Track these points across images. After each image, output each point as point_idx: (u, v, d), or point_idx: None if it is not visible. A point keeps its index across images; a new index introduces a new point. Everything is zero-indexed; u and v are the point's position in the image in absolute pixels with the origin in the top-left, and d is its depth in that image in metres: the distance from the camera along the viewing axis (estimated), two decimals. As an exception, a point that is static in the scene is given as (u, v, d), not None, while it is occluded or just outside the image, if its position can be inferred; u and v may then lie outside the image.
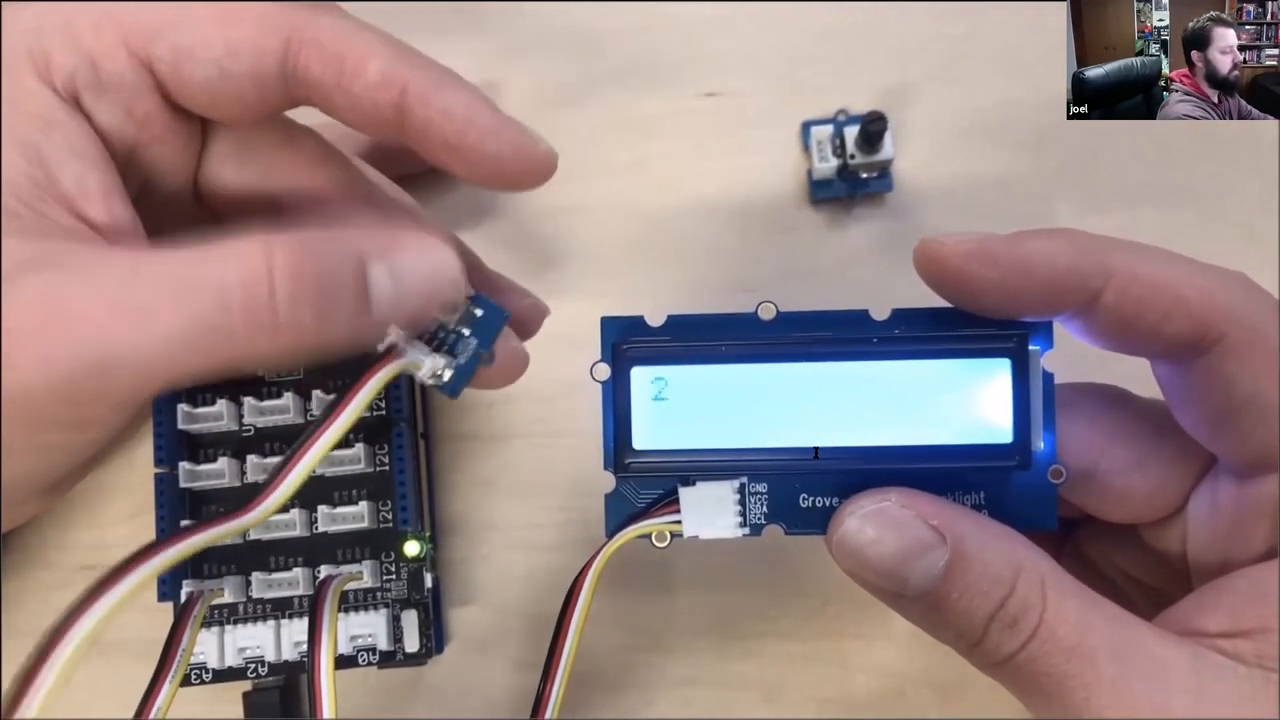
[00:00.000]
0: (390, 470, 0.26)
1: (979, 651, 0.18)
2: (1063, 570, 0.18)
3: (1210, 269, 0.19)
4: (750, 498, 0.21)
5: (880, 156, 0.29)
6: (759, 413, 0.21)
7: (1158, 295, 0.19)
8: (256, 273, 0.19)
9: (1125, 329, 0.19)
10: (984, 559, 0.18)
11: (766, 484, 0.21)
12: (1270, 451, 0.19)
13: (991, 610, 0.18)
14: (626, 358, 0.21)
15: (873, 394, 0.21)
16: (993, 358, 0.20)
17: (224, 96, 0.22)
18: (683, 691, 0.28)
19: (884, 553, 0.19)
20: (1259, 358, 0.18)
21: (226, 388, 0.27)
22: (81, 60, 0.22)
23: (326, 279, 0.19)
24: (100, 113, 0.22)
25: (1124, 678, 0.17)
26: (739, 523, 0.21)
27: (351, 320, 0.20)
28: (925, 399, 0.21)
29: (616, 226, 0.30)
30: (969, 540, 0.18)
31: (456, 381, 0.22)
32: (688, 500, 0.21)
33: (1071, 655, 0.17)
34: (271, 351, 0.20)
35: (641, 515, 0.21)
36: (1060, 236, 0.19)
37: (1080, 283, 0.19)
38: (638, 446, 0.21)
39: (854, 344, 0.21)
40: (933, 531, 0.18)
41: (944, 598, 0.18)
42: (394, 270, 0.20)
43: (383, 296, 0.20)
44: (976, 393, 0.20)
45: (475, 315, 0.22)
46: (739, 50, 0.31)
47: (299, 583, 0.26)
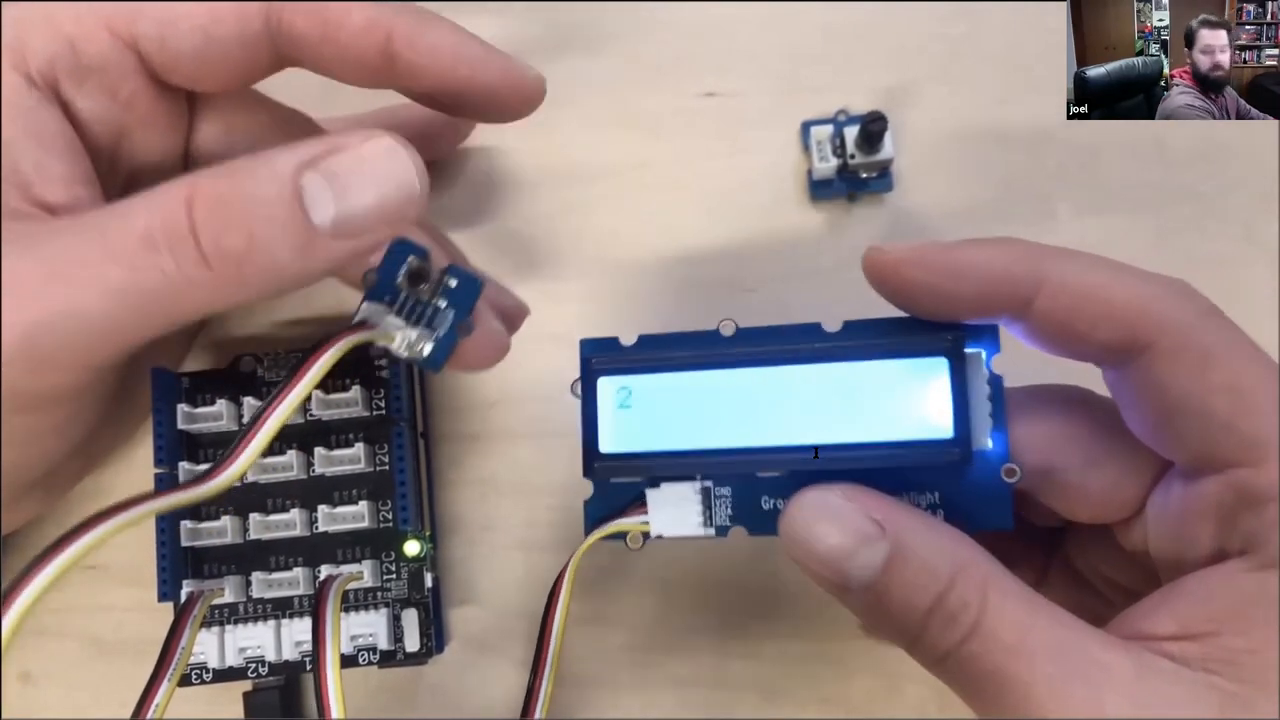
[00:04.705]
0: (390, 470, 0.26)
1: (919, 648, 0.18)
2: (1008, 573, 0.18)
3: (1147, 276, 0.19)
4: (715, 501, 0.22)
5: (880, 156, 0.29)
6: (717, 416, 0.22)
7: (1086, 302, 0.19)
8: (174, 209, 0.19)
9: (1059, 335, 0.20)
10: (923, 555, 0.18)
11: (730, 488, 0.22)
12: (1206, 453, 0.19)
13: (929, 605, 0.18)
14: (594, 370, 0.22)
15: (823, 395, 0.21)
16: (930, 356, 0.21)
17: (211, 64, 0.22)
18: (683, 691, 0.28)
19: (826, 543, 0.19)
20: (1188, 362, 0.19)
21: (227, 388, 0.27)
22: (60, 46, 0.22)
23: (250, 199, 0.19)
24: (82, 99, 0.22)
25: (1062, 679, 0.17)
26: (702, 521, 0.22)
27: (291, 239, 0.19)
28: (873, 399, 0.21)
29: (616, 227, 0.30)
30: (909, 535, 0.18)
31: (437, 354, 0.22)
32: (654, 500, 0.22)
33: (1010, 654, 0.17)
34: (216, 288, 0.19)
35: (614, 516, 0.22)
36: (997, 245, 0.20)
37: (1012, 289, 0.19)
38: (604, 450, 0.22)
39: (804, 349, 0.22)
40: (874, 525, 0.19)
41: (884, 591, 0.18)
42: (331, 176, 0.19)
43: (322, 207, 0.19)
44: (919, 392, 0.21)
45: (450, 286, 0.22)
46: (739, 50, 0.31)
47: (299, 582, 0.26)
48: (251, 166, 0.19)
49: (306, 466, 0.27)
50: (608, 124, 0.31)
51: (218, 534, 0.26)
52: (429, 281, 0.22)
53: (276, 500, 0.27)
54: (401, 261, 0.21)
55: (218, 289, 0.19)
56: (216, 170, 0.19)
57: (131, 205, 0.19)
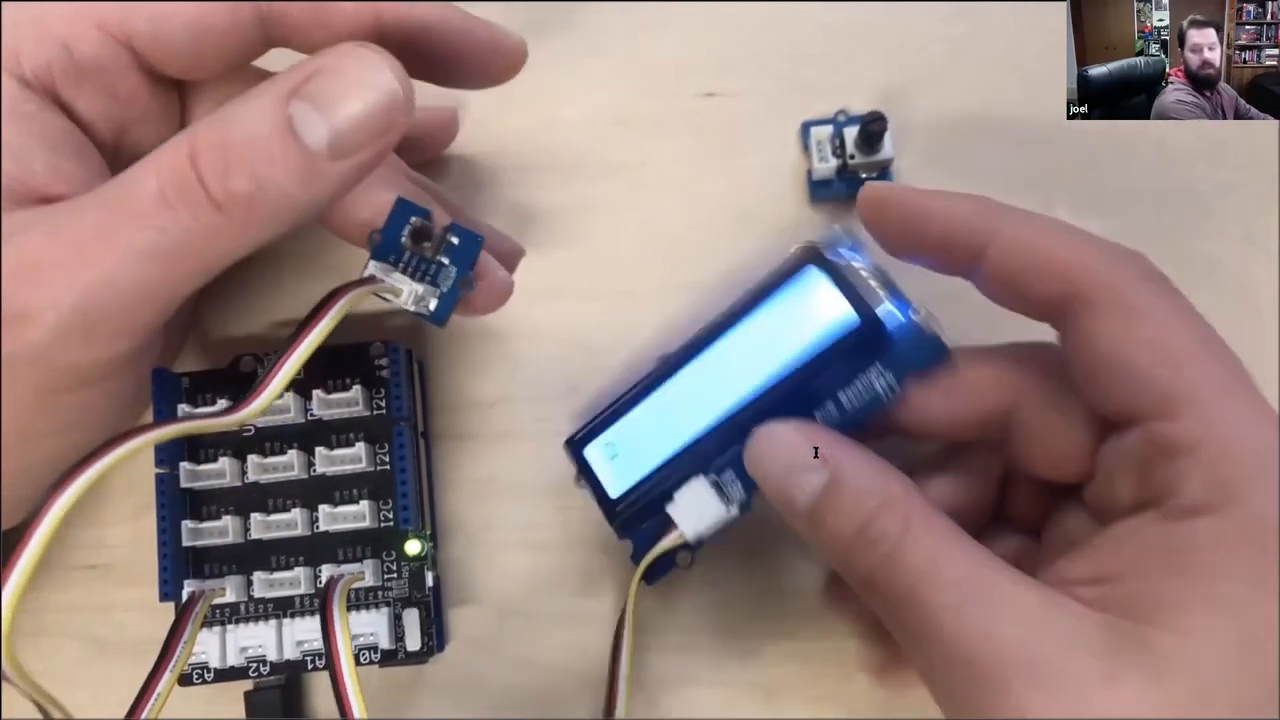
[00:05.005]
0: (391, 469, 0.26)
1: (848, 568, 0.21)
2: (938, 512, 0.20)
3: (1097, 241, 0.21)
4: (726, 484, 0.24)
5: (880, 156, 0.29)
6: (681, 416, 0.24)
7: (1032, 256, 0.21)
8: (179, 165, 0.20)
9: (1007, 287, 0.21)
10: (855, 484, 0.20)
11: (731, 470, 0.24)
12: (1127, 406, 0.20)
13: (855, 529, 0.20)
14: (578, 445, 0.25)
15: (747, 353, 0.24)
16: (800, 274, 0.24)
17: (206, 54, 0.23)
18: (683, 691, 0.28)
19: (773, 467, 0.22)
20: (1118, 316, 0.20)
21: (227, 388, 0.27)
22: (55, 50, 0.22)
23: (246, 139, 0.19)
24: (82, 101, 0.23)
25: (965, 605, 0.18)
26: (724, 505, 0.24)
27: (292, 168, 0.20)
28: (785, 333, 0.24)
29: (616, 227, 0.30)
30: (846, 467, 0.21)
31: (441, 309, 0.23)
32: (675, 511, 0.24)
33: (921, 580, 0.19)
34: (235, 231, 0.20)
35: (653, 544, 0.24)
36: (963, 197, 0.22)
37: (968, 237, 0.21)
38: (615, 496, 0.25)
39: (708, 331, 0.25)
40: (814, 454, 0.21)
41: (821, 516, 0.21)
42: (316, 99, 0.20)
43: (314, 131, 0.19)
44: (815, 305, 0.24)
45: (452, 243, 0.23)
46: (739, 50, 0.31)
47: (300, 582, 0.26)
48: (240, 109, 0.20)
49: (307, 466, 0.27)
50: (607, 124, 0.31)
51: (219, 534, 0.26)
52: (432, 240, 0.23)
53: (277, 500, 0.27)
54: (405, 222, 0.23)
55: (236, 232, 0.20)
56: (209, 121, 0.20)
57: (139, 170, 0.20)
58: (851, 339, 0.23)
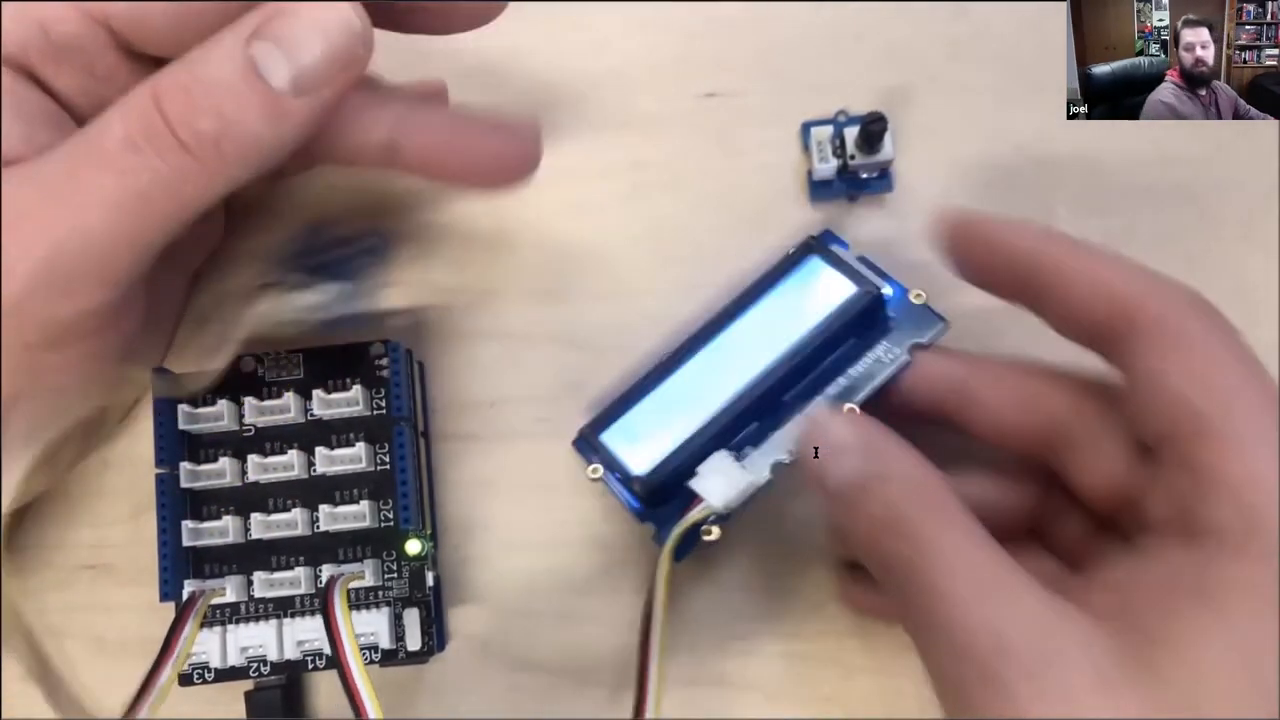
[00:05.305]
0: (391, 469, 0.26)
1: (870, 553, 0.21)
2: (964, 509, 0.21)
3: (1150, 274, 0.21)
4: (748, 460, 0.24)
5: (880, 157, 0.29)
6: (699, 396, 0.25)
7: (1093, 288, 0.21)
8: (145, 109, 0.20)
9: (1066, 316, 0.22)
10: (892, 472, 0.21)
11: (752, 445, 0.25)
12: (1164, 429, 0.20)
13: (886, 516, 0.21)
14: (594, 430, 0.26)
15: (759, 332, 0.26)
16: (803, 262, 0.27)
17: (185, 35, 0.23)
18: (683, 691, 0.28)
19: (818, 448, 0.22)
20: (1169, 348, 0.20)
21: (227, 388, 0.27)
22: (31, 29, 0.22)
23: (210, 81, 0.20)
24: (60, 79, 0.23)
25: (973, 600, 0.19)
26: (751, 474, 0.24)
27: (258, 108, 0.20)
28: (793, 314, 0.26)
29: (616, 227, 0.30)
30: (885, 455, 0.21)
31: None
32: (700, 484, 0.24)
33: (938, 571, 0.20)
34: (205, 174, 0.20)
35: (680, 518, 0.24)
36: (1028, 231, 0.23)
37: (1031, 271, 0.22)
38: (638, 473, 0.25)
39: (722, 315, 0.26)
40: (852, 440, 0.22)
41: (855, 500, 0.21)
42: (277, 39, 0.20)
43: (277, 70, 0.20)
44: (819, 289, 0.26)
45: None
46: (739, 50, 0.31)
47: (301, 582, 0.26)
48: (204, 53, 0.20)
49: (308, 466, 0.27)
50: (606, 124, 0.31)
51: (219, 534, 0.26)
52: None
53: (278, 500, 0.27)
54: None
55: (206, 174, 0.20)
56: (173, 66, 0.20)
57: (106, 118, 0.21)
58: (857, 312, 0.25)
